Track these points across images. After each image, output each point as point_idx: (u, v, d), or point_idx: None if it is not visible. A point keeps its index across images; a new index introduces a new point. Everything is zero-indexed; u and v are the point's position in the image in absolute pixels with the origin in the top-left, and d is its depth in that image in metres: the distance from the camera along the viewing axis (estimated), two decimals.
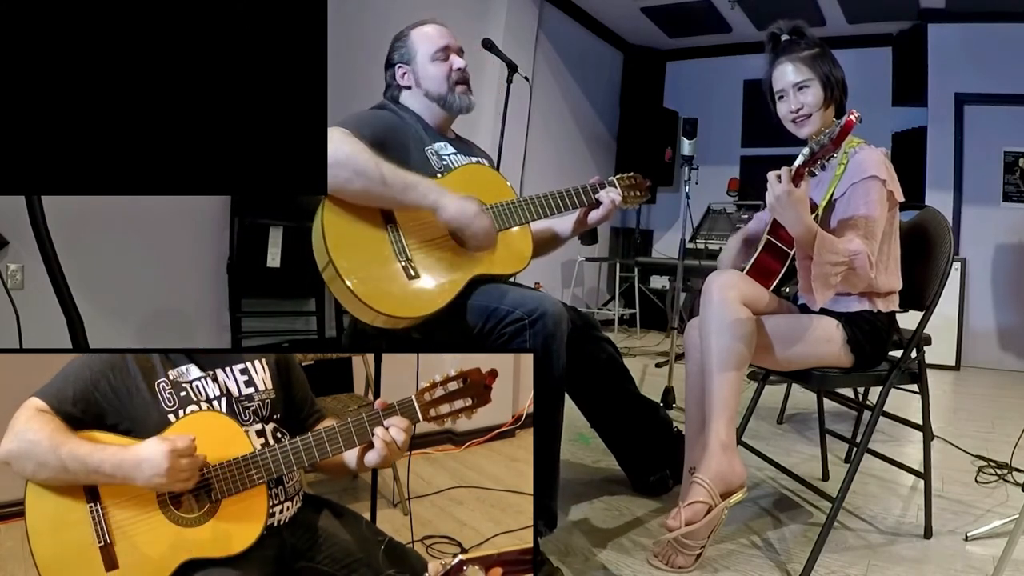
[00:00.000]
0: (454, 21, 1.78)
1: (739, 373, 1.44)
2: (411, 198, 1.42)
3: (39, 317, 1.85)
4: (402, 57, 1.66)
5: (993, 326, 4.71)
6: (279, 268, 3.16)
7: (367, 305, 1.36)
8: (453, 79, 1.64)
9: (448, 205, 1.42)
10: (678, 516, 1.34)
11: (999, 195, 4.74)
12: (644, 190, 1.79)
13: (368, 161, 1.38)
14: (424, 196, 1.42)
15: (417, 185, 1.42)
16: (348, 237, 1.39)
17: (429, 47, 1.64)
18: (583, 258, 5.44)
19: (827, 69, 1.54)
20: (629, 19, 5.55)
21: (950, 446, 2.43)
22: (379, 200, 1.41)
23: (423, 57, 1.64)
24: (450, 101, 1.65)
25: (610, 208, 1.67)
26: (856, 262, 1.38)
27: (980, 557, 1.52)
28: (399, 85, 1.68)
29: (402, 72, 1.67)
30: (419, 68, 1.64)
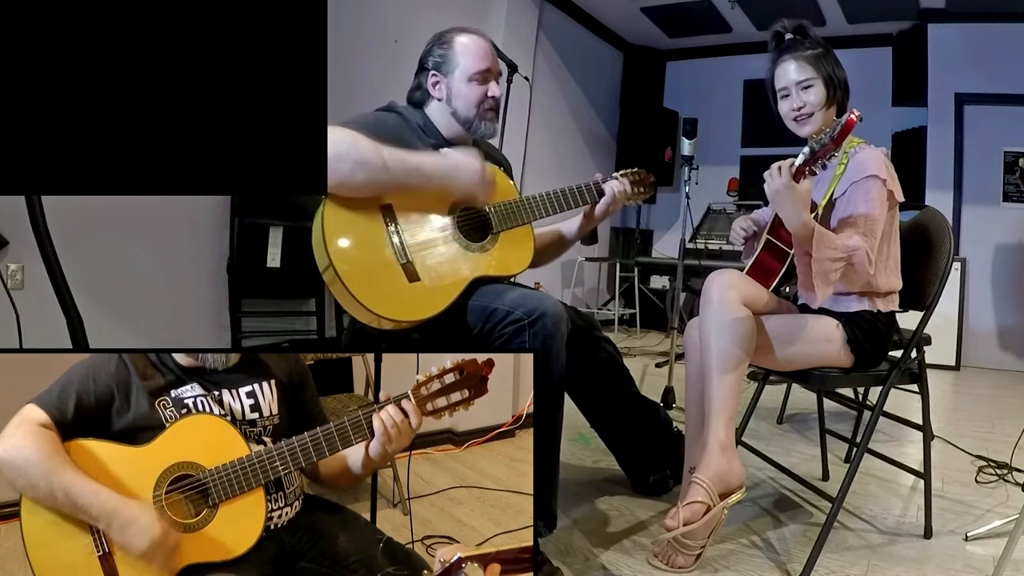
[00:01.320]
0: (454, 21, 1.78)
1: (739, 373, 1.44)
2: (417, 183, 1.41)
3: (39, 317, 1.85)
4: (439, 66, 1.57)
5: (993, 326, 4.71)
6: (279, 268, 3.16)
7: (368, 308, 1.36)
8: (485, 106, 1.57)
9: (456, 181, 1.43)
10: (676, 516, 1.34)
11: (999, 195, 4.74)
12: (648, 185, 1.79)
13: (367, 149, 1.36)
14: (429, 180, 1.42)
15: (422, 167, 1.41)
16: (348, 239, 1.39)
17: (470, 66, 1.55)
18: (583, 258, 5.43)
19: (830, 69, 1.54)
20: (629, 19, 5.55)
21: (950, 446, 2.43)
22: (384, 188, 1.40)
23: (461, 74, 1.55)
24: (476, 127, 1.58)
25: (615, 197, 1.65)
26: (854, 258, 1.38)
27: (980, 557, 1.52)
28: (429, 93, 1.59)
29: (435, 82, 1.57)
30: (454, 84, 1.55)
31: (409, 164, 1.40)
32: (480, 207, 1.54)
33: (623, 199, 1.69)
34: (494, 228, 1.53)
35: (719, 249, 5.17)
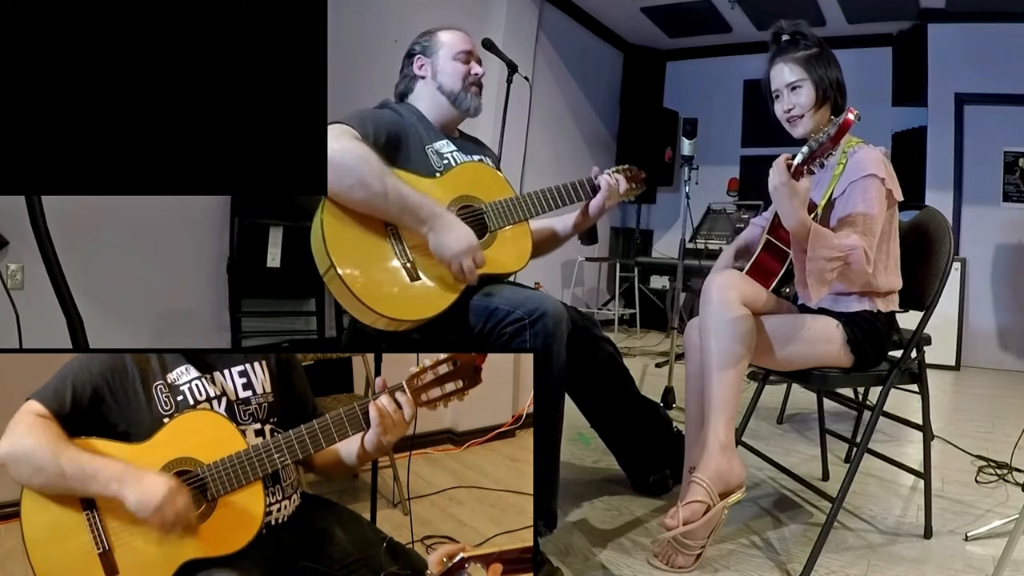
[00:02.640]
0: (454, 21, 1.79)
1: (739, 373, 1.44)
2: (407, 222, 1.42)
3: (39, 317, 1.85)
4: (424, 49, 1.68)
5: (993, 326, 4.71)
6: (279, 268, 3.16)
7: (368, 307, 1.36)
8: (469, 80, 1.67)
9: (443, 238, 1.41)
10: (676, 515, 1.34)
11: (999, 195, 4.74)
12: (640, 181, 1.80)
13: (374, 172, 1.37)
14: (420, 223, 1.41)
15: (419, 209, 1.41)
16: (349, 239, 1.39)
17: (453, 46, 1.67)
18: (583, 258, 5.44)
19: (821, 71, 1.55)
20: (629, 19, 5.55)
21: (950, 446, 2.43)
22: (375, 212, 1.41)
23: (445, 53, 1.66)
24: (461, 99, 1.66)
25: (610, 190, 1.67)
26: (851, 257, 1.38)
27: (980, 557, 1.52)
28: (414, 75, 1.69)
29: (420, 64, 1.68)
30: (438, 62, 1.66)
31: (408, 202, 1.40)
32: (476, 205, 1.54)
33: (617, 195, 1.70)
34: (490, 227, 1.54)
35: (719, 249, 5.16)
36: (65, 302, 1.32)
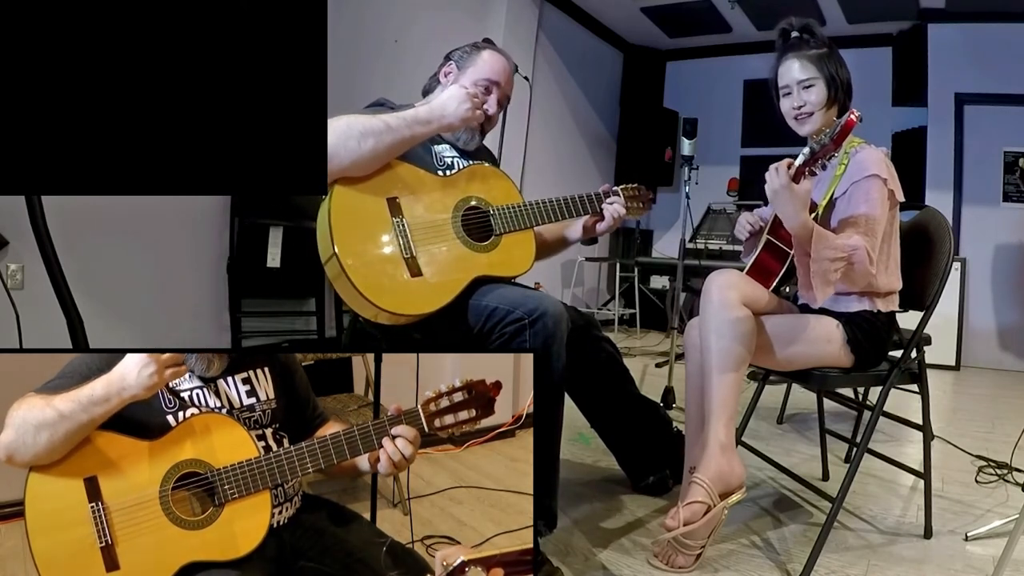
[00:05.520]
0: (454, 21, 1.79)
1: (739, 373, 1.44)
2: (420, 131, 1.46)
3: (39, 317, 1.85)
4: (459, 59, 1.68)
5: (993, 326, 4.71)
6: (279, 268, 3.16)
7: (368, 300, 1.36)
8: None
9: (448, 112, 1.47)
10: (676, 516, 1.34)
11: (999, 195, 4.74)
12: (647, 202, 1.81)
13: (365, 119, 1.42)
14: (428, 124, 1.47)
15: (417, 115, 1.46)
16: (354, 229, 1.40)
17: (483, 72, 1.64)
18: (583, 258, 5.44)
19: (833, 69, 1.55)
20: (629, 19, 5.55)
21: (950, 446, 2.43)
22: (392, 150, 1.44)
23: (472, 74, 1.64)
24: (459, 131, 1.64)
25: (613, 222, 1.69)
26: (854, 257, 1.38)
27: (980, 557, 1.52)
28: (439, 79, 1.70)
29: (448, 71, 1.68)
30: (462, 79, 1.64)
31: (407, 117, 1.45)
32: (483, 208, 1.54)
33: (620, 221, 1.72)
34: (496, 231, 1.54)
35: (719, 249, 5.17)
36: (65, 302, 1.32)
